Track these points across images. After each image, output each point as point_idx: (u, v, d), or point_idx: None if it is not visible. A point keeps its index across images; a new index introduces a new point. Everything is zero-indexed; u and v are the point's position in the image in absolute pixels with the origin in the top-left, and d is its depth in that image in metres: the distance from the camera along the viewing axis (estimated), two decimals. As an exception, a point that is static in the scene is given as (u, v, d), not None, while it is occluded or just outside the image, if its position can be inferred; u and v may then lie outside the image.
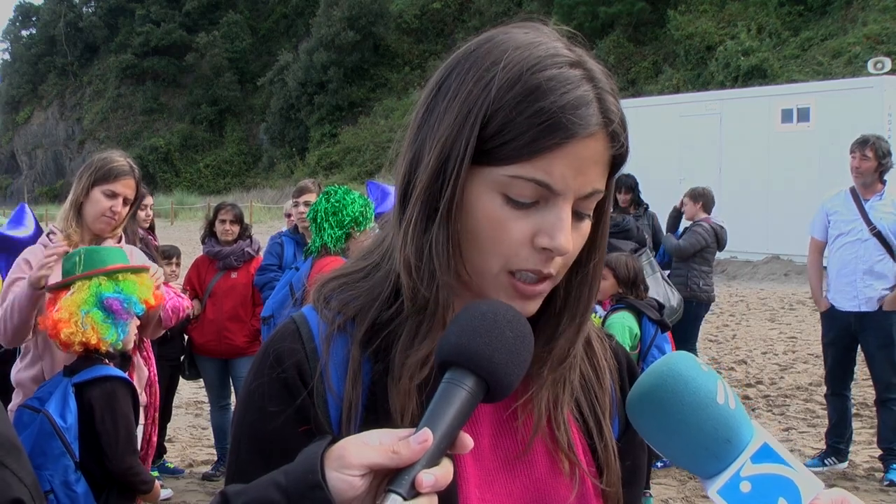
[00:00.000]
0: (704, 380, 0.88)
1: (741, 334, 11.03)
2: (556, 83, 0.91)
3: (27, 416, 3.07)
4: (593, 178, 0.93)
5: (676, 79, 29.59)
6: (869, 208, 5.78)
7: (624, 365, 1.13)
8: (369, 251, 1.06)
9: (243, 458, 1.00)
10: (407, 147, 1.00)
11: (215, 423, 6.29)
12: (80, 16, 65.29)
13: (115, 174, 3.44)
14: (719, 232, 7.39)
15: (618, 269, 4.91)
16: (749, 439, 0.89)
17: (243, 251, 6.00)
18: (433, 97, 0.98)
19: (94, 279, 3.10)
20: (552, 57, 0.92)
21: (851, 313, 5.81)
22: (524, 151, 0.90)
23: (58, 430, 3.02)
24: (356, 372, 0.98)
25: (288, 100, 47.70)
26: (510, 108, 0.90)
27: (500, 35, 0.96)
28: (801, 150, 15.54)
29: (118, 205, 3.45)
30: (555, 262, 0.94)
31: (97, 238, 3.49)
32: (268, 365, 0.99)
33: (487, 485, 0.99)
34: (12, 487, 1.10)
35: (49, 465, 3.01)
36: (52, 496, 2.99)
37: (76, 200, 3.48)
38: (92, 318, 3.06)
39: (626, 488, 1.07)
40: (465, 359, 0.82)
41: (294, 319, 1.03)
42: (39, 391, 3.16)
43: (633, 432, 1.11)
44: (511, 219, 0.92)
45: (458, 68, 0.96)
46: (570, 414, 1.04)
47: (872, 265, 5.75)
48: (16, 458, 1.13)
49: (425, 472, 0.77)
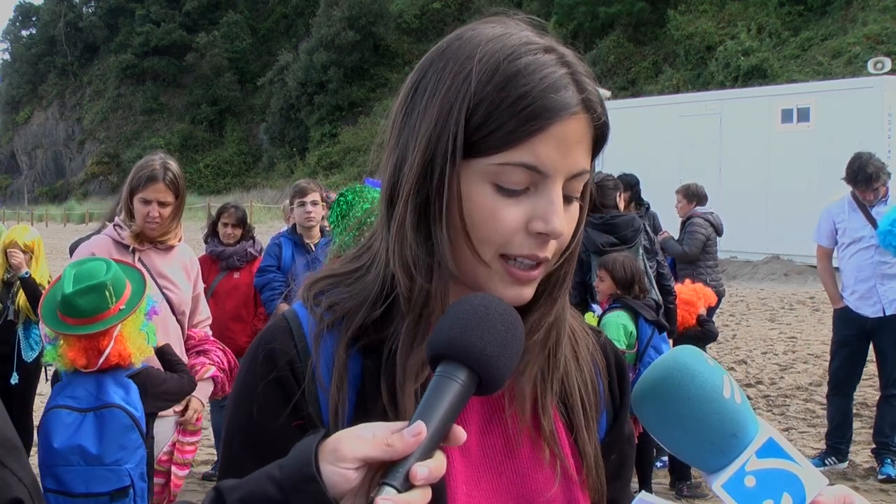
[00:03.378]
0: (711, 374, 0.88)
1: (741, 334, 11.03)
2: (533, 68, 0.92)
3: (72, 418, 3.02)
4: (579, 157, 0.95)
5: (676, 79, 29.60)
6: (876, 214, 5.79)
7: (612, 360, 1.14)
8: (358, 254, 1.07)
9: (235, 453, 1.01)
10: (389, 151, 1.00)
11: (215, 423, 6.29)
12: (80, 16, 65.33)
13: (144, 181, 3.55)
14: (714, 221, 7.45)
15: (614, 271, 4.90)
16: (754, 434, 0.89)
17: (246, 251, 6.00)
18: (410, 98, 0.99)
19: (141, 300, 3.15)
20: (525, 45, 0.94)
21: (872, 318, 5.82)
22: (510, 138, 0.91)
23: (136, 421, 3.05)
24: (341, 373, 0.98)
25: (288, 100, 47.72)
26: (492, 98, 0.92)
27: (468, 32, 0.98)
28: (801, 150, 15.54)
29: (154, 210, 3.54)
30: (549, 246, 0.95)
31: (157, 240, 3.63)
32: (260, 361, 0.99)
33: (474, 481, 1.00)
34: (12, 487, 1.10)
35: (129, 459, 3.02)
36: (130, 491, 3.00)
37: (126, 206, 3.61)
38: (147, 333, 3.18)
39: (612, 482, 1.08)
40: (458, 352, 0.82)
41: (285, 316, 1.03)
42: (63, 392, 3.10)
43: (620, 426, 1.12)
44: (503, 207, 0.93)
45: (433, 67, 0.97)
46: (556, 410, 1.05)
47: (888, 268, 5.76)
48: (16, 458, 1.14)
49: (419, 465, 0.77)
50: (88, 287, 3.00)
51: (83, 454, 2.97)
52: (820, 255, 6.21)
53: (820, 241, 6.15)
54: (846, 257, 5.95)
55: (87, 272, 3.05)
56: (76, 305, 2.99)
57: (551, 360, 1.04)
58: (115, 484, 2.99)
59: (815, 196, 7.59)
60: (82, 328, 3.02)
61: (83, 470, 2.97)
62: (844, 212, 5.93)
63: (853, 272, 5.89)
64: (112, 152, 55.79)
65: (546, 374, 1.03)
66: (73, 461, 2.96)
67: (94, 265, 3.10)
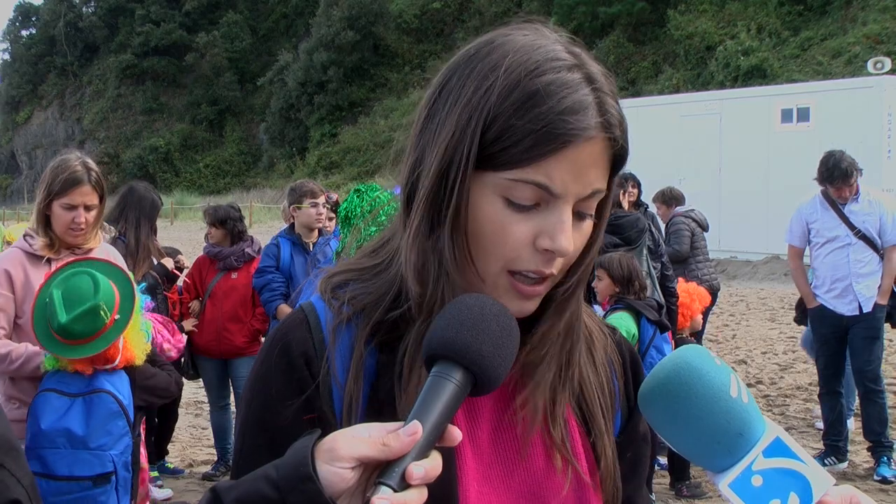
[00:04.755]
0: (717, 373, 0.88)
1: (741, 334, 11.03)
2: (554, 88, 0.91)
3: (61, 402, 3.04)
4: (593, 179, 0.94)
5: (676, 79, 29.60)
6: (849, 212, 5.87)
7: (627, 359, 1.14)
8: (375, 250, 1.07)
9: (248, 443, 1.01)
10: (410, 150, 1.01)
11: (215, 422, 6.29)
12: (79, 16, 65.26)
13: (68, 185, 3.29)
14: (696, 217, 7.51)
15: (611, 269, 4.87)
16: (761, 433, 0.89)
17: (243, 252, 5.99)
18: (434, 101, 0.99)
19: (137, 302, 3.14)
20: (551, 61, 0.93)
21: (848, 315, 5.86)
22: (524, 157, 0.91)
23: (124, 408, 3.06)
24: (358, 367, 0.98)
25: (288, 100, 47.70)
26: (509, 114, 0.91)
27: (499, 38, 0.97)
28: (800, 149, 15.52)
29: (80, 215, 3.31)
30: (556, 262, 0.95)
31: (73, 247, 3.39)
32: (276, 353, 1.00)
33: (486, 479, 1.00)
34: (10, 488, 1.10)
35: (113, 445, 3.04)
36: (112, 477, 3.02)
37: (41, 213, 3.34)
38: (145, 331, 3.21)
39: (628, 481, 1.08)
40: (453, 352, 0.82)
41: (303, 308, 1.04)
42: (54, 377, 3.12)
43: (635, 425, 1.11)
44: (513, 221, 0.93)
45: (459, 73, 0.97)
46: (570, 408, 1.05)
47: (863, 266, 5.83)
48: (14, 459, 1.13)
49: (415, 465, 0.78)
50: (82, 313, 2.96)
51: (69, 437, 2.99)
52: (792, 254, 6.27)
53: (792, 241, 6.21)
54: (821, 256, 6.00)
55: (76, 295, 2.98)
56: (73, 332, 2.98)
57: (563, 368, 1.04)
58: (98, 469, 3.02)
59: (815, 196, 7.62)
60: (84, 349, 3.02)
61: (68, 453, 2.99)
62: (817, 211, 6.00)
63: (829, 271, 5.94)
64: (112, 152, 55.73)
65: (558, 382, 1.03)
66: (59, 444, 2.99)
67: (79, 283, 3.01)
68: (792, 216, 6.23)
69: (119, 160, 54.49)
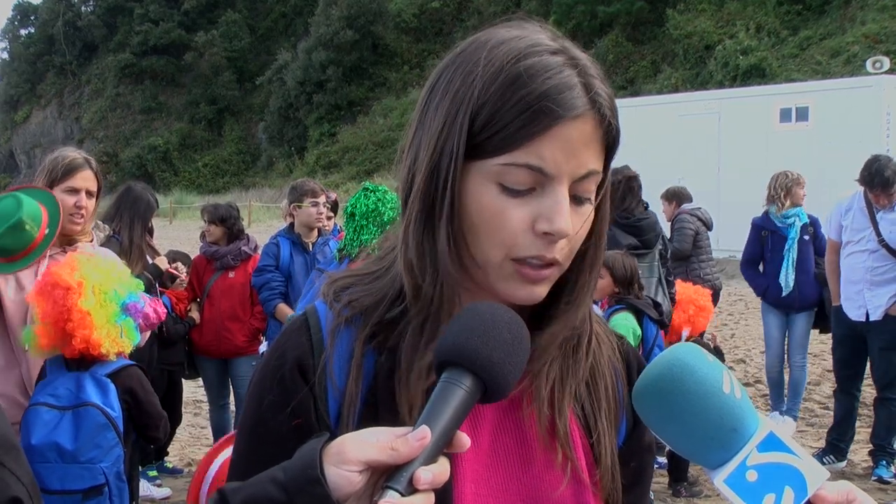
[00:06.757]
0: (710, 369, 0.89)
1: (740, 333, 11.04)
2: (536, 70, 0.92)
3: (51, 416, 3.04)
4: (586, 159, 0.94)
5: (675, 78, 29.58)
6: (880, 219, 5.76)
7: (634, 367, 1.13)
8: (383, 254, 1.08)
9: (241, 447, 1.03)
10: (407, 150, 1.02)
11: (214, 422, 6.29)
12: (78, 15, 65.16)
13: (72, 169, 3.33)
14: (702, 216, 7.45)
15: (615, 269, 4.84)
16: (755, 429, 0.89)
17: (240, 250, 5.98)
18: (427, 99, 1.00)
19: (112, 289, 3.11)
20: (533, 47, 0.94)
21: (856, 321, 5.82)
22: (513, 139, 0.91)
23: (112, 420, 3.06)
24: (358, 367, 0.99)
25: (287, 99, 47.65)
26: (495, 101, 0.92)
27: (484, 35, 0.99)
28: (799, 149, 15.53)
29: (82, 199, 3.32)
30: (558, 247, 0.95)
31: (69, 240, 3.35)
32: (273, 359, 1.01)
33: (483, 480, 1.00)
34: (11, 487, 1.10)
35: (104, 458, 3.04)
36: (105, 489, 3.03)
37: None
38: (125, 327, 3.15)
39: (631, 490, 1.08)
40: (464, 358, 0.83)
41: (305, 311, 1.05)
42: (45, 389, 3.11)
43: (640, 434, 1.11)
44: (509, 207, 0.93)
45: (447, 70, 0.99)
46: (573, 413, 1.05)
47: (878, 275, 5.73)
48: (14, 458, 1.14)
49: (423, 470, 0.78)
50: (9, 228, 3.06)
51: (60, 451, 3.01)
52: (830, 247, 6.19)
53: (830, 234, 6.16)
54: (843, 255, 5.94)
55: (2, 214, 3.09)
56: (4, 247, 3.07)
57: (571, 363, 1.04)
58: (90, 482, 3.03)
59: (815, 195, 7.59)
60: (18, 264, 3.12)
61: (59, 467, 3.00)
62: (853, 209, 5.90)
63: (845, 272, 5.89)
64: (111, 151, 55.63)
65: (565, 375, 1.03)
66: (50, 458, 3.00)
67: (3, 205, 3.13)
68: (832, 209, 6.15)
69: (118, 159, 54.40)
